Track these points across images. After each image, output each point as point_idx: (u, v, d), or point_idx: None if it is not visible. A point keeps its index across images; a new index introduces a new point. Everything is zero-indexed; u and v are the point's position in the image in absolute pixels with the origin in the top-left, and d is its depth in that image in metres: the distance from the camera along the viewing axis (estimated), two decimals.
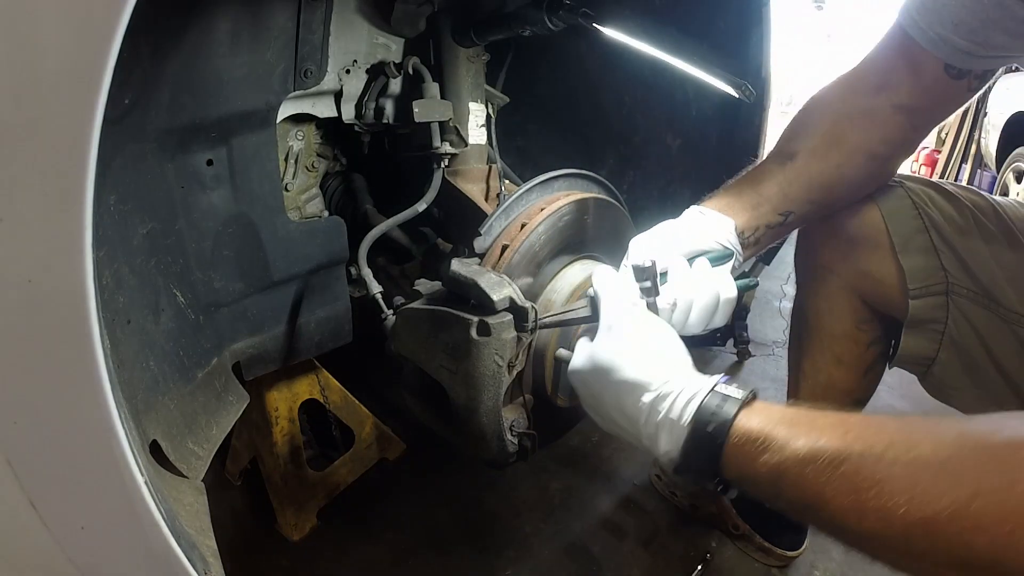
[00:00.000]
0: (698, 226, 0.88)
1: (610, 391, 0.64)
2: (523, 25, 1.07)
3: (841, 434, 0.51)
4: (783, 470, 0.52)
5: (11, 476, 0.41)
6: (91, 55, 0.37)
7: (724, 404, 0.57)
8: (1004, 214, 0.93)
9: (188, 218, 0.88)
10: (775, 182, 0.91)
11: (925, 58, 0.84)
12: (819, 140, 0.91)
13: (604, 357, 0.66)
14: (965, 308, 0.92)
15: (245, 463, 1.40)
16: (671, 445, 0.59)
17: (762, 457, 0.53)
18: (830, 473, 0.49)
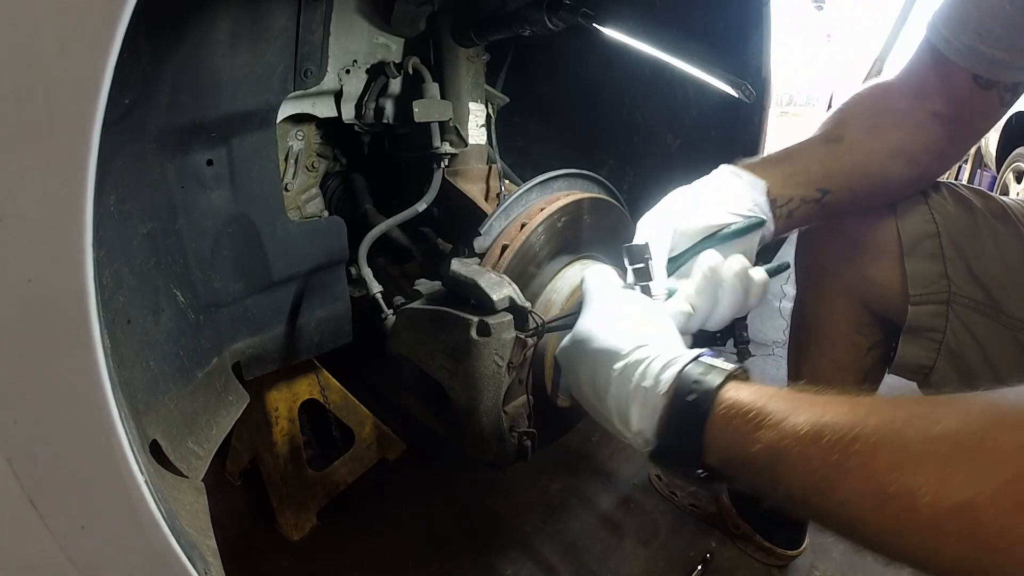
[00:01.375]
0: (726, 189, 0.84)
1: (584, 364, 0.57)
2: (523, 25, 1.07)
3: (849, 409, 0.43)
4: (780, 449, 0.43)
5: (11, 476, 0.41)
6: (91, 55, 0.37)
7: (709, 373, 0.49)
8: (1014, 216, 0.92)
9: (188, 218, 0.88)
10: (818, 158, 0.89)
11: (953, 69, 0.83)
12: (867, 132, 0.90)
13: (580, 329, 0.61)
14: (966, 318, 0.91)
15: (245, 463, 1.40)
16: (644, 422, 0.51)
17: (755, 434, 0.44)
18: (839, 453, 0.40)
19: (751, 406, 0.46)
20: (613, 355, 0.54)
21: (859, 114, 0.92)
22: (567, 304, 0.95)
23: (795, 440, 0.43)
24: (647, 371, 0.51)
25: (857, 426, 0.41)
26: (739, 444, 0.46)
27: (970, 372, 0.92)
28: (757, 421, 0.45)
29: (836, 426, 0.41)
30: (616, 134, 1.54)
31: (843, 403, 0.44)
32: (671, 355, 0.52)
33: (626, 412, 0.51)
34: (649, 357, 0.52)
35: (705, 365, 0.50)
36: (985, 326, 0.90)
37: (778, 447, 0.43)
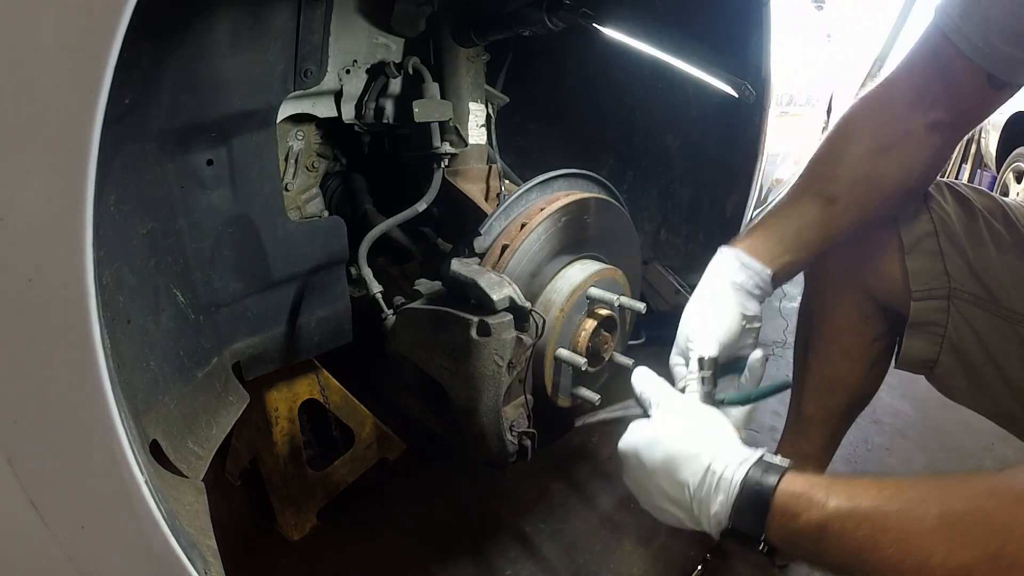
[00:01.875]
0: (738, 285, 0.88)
1: (664, 462, 0.67)
2: (523, 25, 1.07)
3: (878, 492, 0.54)
4: (825, 525, 0.54)
5: (11, 476, 0.41)
6: (92, 55, 0.37)
7: (770, 469, 0.61)
8: (1014, 216, 0.93)
9: (188, 218, 0.88)
10: (816, 227, 0.90)
11: (965, 67, 0.79)
12: (859, 183, 0.89)
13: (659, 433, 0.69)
14: (967, 312, 0.92)
15: (245, 463, 1.40)
16: (722, 507, 0.62)
17: (805, 514, 0.56)
18: (869, 528, 0.52)
19: (802, 492, 0.57)
20: (696, 457, 0.65)
21: (853, 158, 0.89)
22: (567, 304, 0.95)
23: (836, 518, 0.54)
24: (727, 469, 0.62)
25: (884, 506, 0.52)
26: (793, 522, 0.57)
27: (972, 365, 0.93)
28: (808, 503, 0.56)
29: (866, 507, 0.53)
30: (616, 134, 1.54)
31: (872, 487, 0.54)
32: (743, 456, 0.63)
33: (708, 502, 0.63)
34: (726, 459, 0.63)
35: (767, 463, 0.62)
36: (986, 320, 0.91)
37: (823, 524, 0.54)
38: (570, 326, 0.98)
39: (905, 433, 1.72)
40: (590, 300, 1.00)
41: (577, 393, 1.03)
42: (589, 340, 0.99)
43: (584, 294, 0.98)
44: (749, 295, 0.87)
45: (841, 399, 1.14)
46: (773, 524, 0.59)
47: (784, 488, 0.59)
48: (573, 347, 0.99)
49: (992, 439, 1.65)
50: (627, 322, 1.11)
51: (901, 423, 1.75)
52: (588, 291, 0.98)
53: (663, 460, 0.66)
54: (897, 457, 1.62)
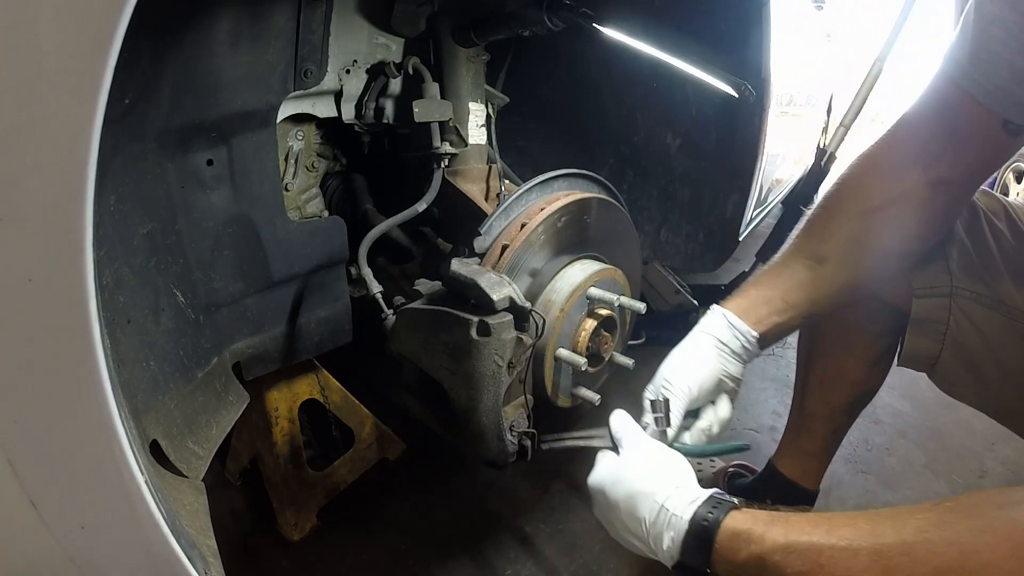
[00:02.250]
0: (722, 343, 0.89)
1: (626, 499, 0.71)
2: (523, 25, 1.07)
3: (813, 528, 0.58)
4: (764, 559, 0.58)
5: (11, 476, 0.41)
6: (91, 55, 0.37)
7: (718, 507, 0.65)
8: (1015, 215, 0.94)
9: (188, 218, 0.88)
10: (804, 290, 0.89)
11: (979, 113, 0.77)
12: (850, 244, 0.88)
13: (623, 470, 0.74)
14: (969, 309, 0.92)
15: (245, 463, 1.40)
16: (672, 542, 0.66)
17: (746, 550, 0.60)
18: (804, 563, 0.56)
19: (744, 529, 0.61)
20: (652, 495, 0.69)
21: (846, 218, 0.88)
22: (567, 304, 0.95)
23: (773, 553, 0.58)
24: (677, 507, 0.67)
25: (818, 542, 0.56)
26: (735, 559, 0.61)
27: (974, 361, 0.94)
28: (748, 539, 0.60)
29: (803, 544, 0.57)
30: (616, 134, 1.54)
31: (809, 523, 0.59)
32: (693, 495, 0.67)
33: (660, 537, 0.67)
34: (678, 498, 0.67)
35: (716, 501, 0.66)
36: (987, 317, 0.91)
37: (761, 559, 0.59)
38: (570, 326, 0.98)
39: (905, 433, 1.72)
40: (590, 300, 1.00)
41: (577, 393, 1.03)
42: (589, 340, 0.99)
43: (584, 294, 0.98)
44: (732, 355, 0.88)
45: (844, 395, 1.14)
46: (717, 559, 0.63)
47: (727, 525, 0.63)
48: (573, 347, 0.99)
49: (992, 438, 1.65)
50: (627, 322, 1.11)
51: (901, 423, 1.75)
52: (588, 291, 0.98)
53: (625, 497, 0.71)
54: (897, 457, 1.62)
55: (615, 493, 0.72)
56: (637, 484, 0.71)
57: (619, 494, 0.71)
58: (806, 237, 0.92)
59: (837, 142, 2.10)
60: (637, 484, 0.71)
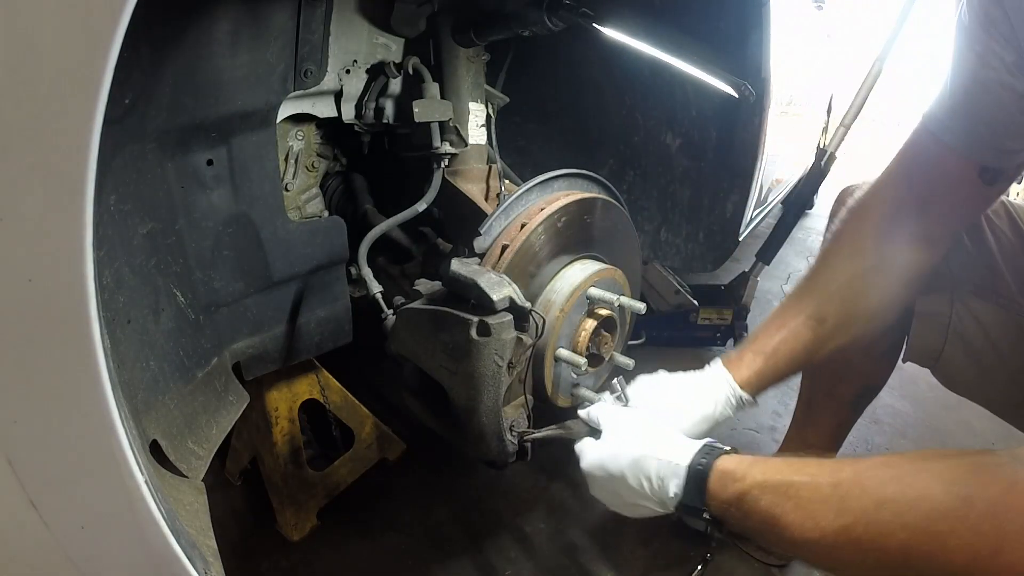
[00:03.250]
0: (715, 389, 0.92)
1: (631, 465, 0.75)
2: (523, 25, 1.07)
3: (787, 467, 0.65)
4: (743, 495, 0.65)
5: (11, 476, 0.41)
6: (91, 55, 0.37)
7: (711, 453, 0.72)
8: (1015, 214, 0.96)
9: (188, 218, 0.88)
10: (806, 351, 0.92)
11: (956, 163, 0.82)
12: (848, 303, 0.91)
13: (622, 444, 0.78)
14: (970, 303, 0.95)
15: (245, 463, 1.40)
16: (677, 487, 0.71)
17: (731, 487, 0.67)
18: (775, 496, 0.62)
19: (730, 468, 0.68)
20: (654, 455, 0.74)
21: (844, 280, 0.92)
22: (567, 304, 0.95)
23: (751, 488, 0.65)
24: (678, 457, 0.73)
25: (788, 478, 0.63)
26: (722, 494, 0.67)
27: (976, 352, 0.97)
28: (731, 477, 0.67)
29: (775, 480, 0.64)
30: (616, 134, 1.54)
31: (785, 463, 0.66)
32: (691, 447, 0.73)
33: (666, 484, 0.72)
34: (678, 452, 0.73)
35: (710, 447, 0.73)
36: (988, 310, 0.94)
37: (741, 495, 0.66)
38: (570, 326, 0.98)
39: (905, 433, 1.72)
40: (590, 300, 1.00)
41: (577, 393, 1.03)
42: (589, 340, 0.99)
43: (584, 294, 0.98)
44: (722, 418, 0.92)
45: (850, 388, 1.16)
46: (710, 498, 0.69)
47: (718, 466, 0.69)
48: (573, 347, 0.99)
49: (992, 438, 1.65)
50: (627, 322, 1.11)
51: (901, 423, 1.75)
52: (588, 291, 0.98)
53: (629, 464, 0.75)
54: None
55: (617, 464, 0.76)
56: (637, 450, 0.75)
57: (622, 463, 0.76)
58: (807, 294, 0.94)
59: (837, 142, 2.10)
60: (637, 450, 0.75)
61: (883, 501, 0.55)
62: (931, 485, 0.54)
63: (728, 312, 2.10)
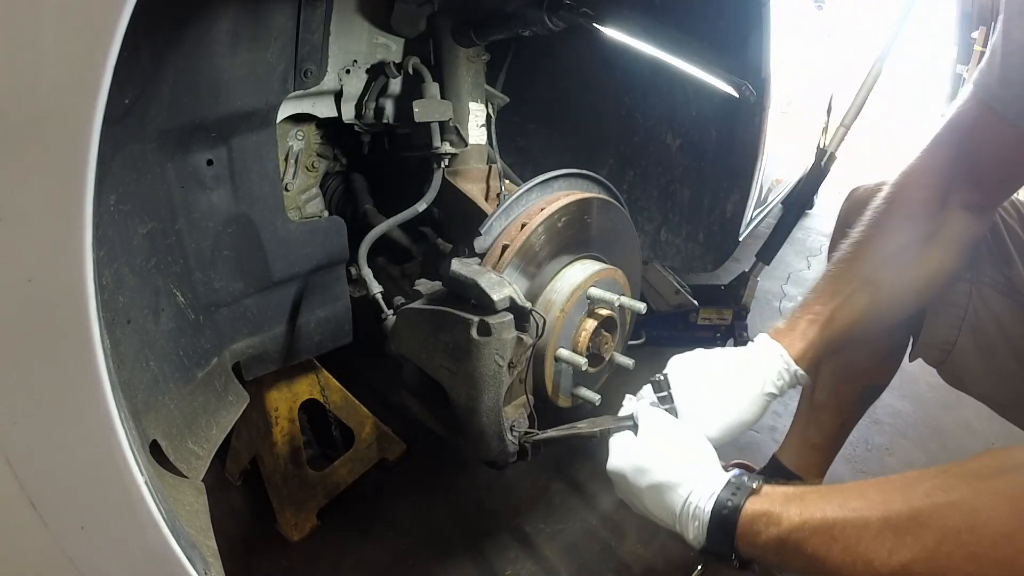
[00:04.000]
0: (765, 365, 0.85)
1: (650, 490, 0.73)
2: (523, 25, 1.07)
3: (826, 503, 0.60)
4: (783, 540, 0.61)
5: (11, 476, 0.41)
6: (91, 55, 0.37)
7: (737, 493, 0.67)
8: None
9: (188, 218, 0.88)
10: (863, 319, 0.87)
11: (1009, 132, 0.80)
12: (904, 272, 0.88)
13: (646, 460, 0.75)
14: (988, 296, 0.94)
15: (245, 463, 1.40)
16: (697, 532, 0.68)
17: (765, 532, 0.63)
18: (820, 538, 0.58)
19: (763, 512, 0.64)
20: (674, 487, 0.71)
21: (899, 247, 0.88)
22: (568, 304, 0.95)
23: (790, 532, 0.61)
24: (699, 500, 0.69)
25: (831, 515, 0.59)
26: (757, 539, 0.64)
27: (989, 346, 0.95)
28: (765, 521, 0.63)
29: (817, 520, 0.59)
30: (616, 134, 1.54)
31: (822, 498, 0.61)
32: (714, 485, 0.69)
33: (687, 527, 0.69)
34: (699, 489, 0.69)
35: (734, 487, 0.68)
36: (1005, 305, 0.93)
37: (781, 538, 0.61)
38: (570, 326, 0.98)
39: (905, 433, 1.72)
40: (590, 300, 1.00)
41: (577, 393, 1.03)
42: (589, 340, 0.99)
43: (584, 294, 0.98)
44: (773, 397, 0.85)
45: (854, 388, 1.16)
46: (741, 543, 0.65)
47: (747, 510, 0.65)
48: (573, 347, 0.99)
49: (992, 438, 1.65)
50: (627, 322, 1.11)
51: (901, 423, 1.75)
52: (588, 291, 0.98)
53: (649, 488, 0.72)
54: (897, 457, 1.62)
55: (637, 482, 0.73)
56: (659, 475, 0.72)
57: (642, 484, 0.73)
58: (859, 260, 0.89)
59: (837, 142, 2.10)
60: (659, 475, 0.72)
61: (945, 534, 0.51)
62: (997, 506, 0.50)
63: (728, 312, 2.10)
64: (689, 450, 0.75)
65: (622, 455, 0.77)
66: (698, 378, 0.84)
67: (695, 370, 0.85)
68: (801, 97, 2.06)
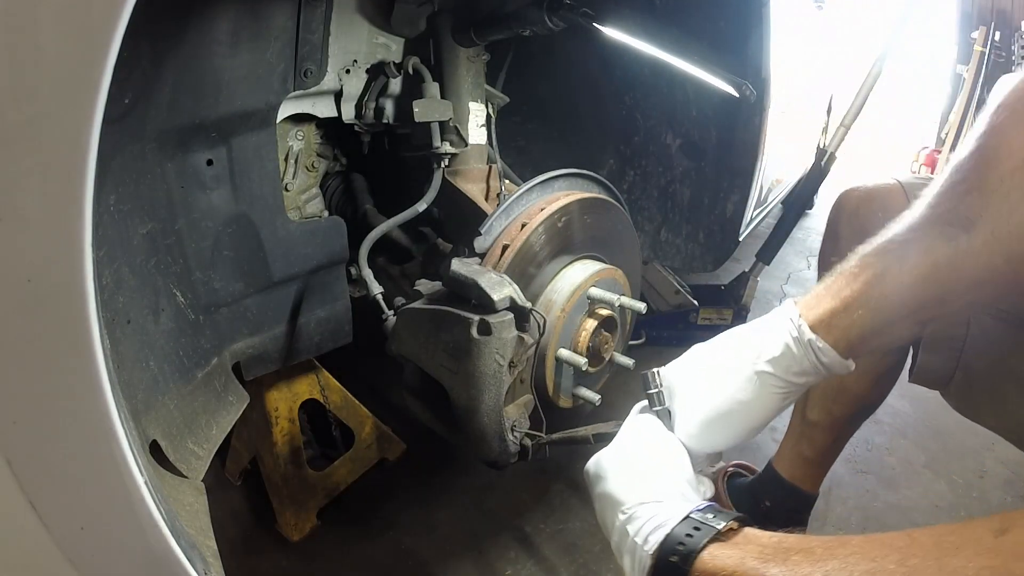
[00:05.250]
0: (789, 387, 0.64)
1: (597, 500, 0.61)
2: (523, 25, 1.07)
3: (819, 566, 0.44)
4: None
5: (11, 476, 0.41)
6: (91, 55, 0.37)
7: (695, 535, 0.51)
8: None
9: (188, 218, 0.88)
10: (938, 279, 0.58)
11: None
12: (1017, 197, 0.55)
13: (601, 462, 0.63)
14: (986, 325, 0.85)
15: (245, 463, 1.40)
16: (635, 572, 0.54)
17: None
18: None
19: (725, 570, 0.47)
20: (617, 504, 0.57)
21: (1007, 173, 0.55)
22: (568, 304, 0.95)
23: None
24: (641, 530, 0.53)
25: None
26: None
27: (990, 379, 0.87)
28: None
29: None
30: (616, 134, 1.54)
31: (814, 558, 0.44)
32: (664, 516, 0.53)
33: (621, 559, 0.55)
34: (643, 517, 0.54)
35: (694, 524, 0.51)
36: (1005, 332, 0.82)
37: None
38: (571, 326, 0.98)
39: (905, 433, 1.72)
40: (591, 300, 1.00)
41: (578, 393, 1.03)
42: (590, 340, 0.99)
43: (585, 294, 0.98)
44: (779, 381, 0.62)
45: (847, 408, 1.13)
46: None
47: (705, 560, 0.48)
48: (574, 347, 0.98)
49: (993, 438, 1.63)
50: (627, 322, 1.11)
51: (901, 423, 1.75)
52: (589, 291, 0.98)
53: (598, 497, 0.61)
54: (897, 457, 1.62)
55: (592, 487, 0.62)
56: (607, 484, 0.59)
57: (594, 491, 0.61)
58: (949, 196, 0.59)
59: (837, 142, 2.10)
60: (607, 484, 0.59)
61: None
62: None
63: (728, 312, 2.10)
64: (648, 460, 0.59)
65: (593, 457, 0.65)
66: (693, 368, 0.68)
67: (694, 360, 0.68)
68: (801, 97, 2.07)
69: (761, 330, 0.64)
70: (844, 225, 1.04)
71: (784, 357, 0.61)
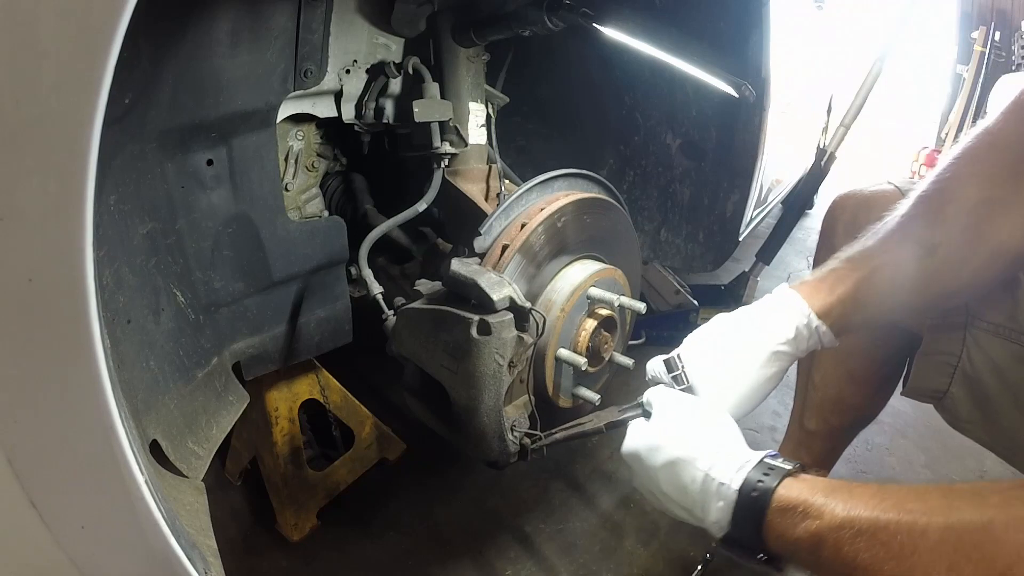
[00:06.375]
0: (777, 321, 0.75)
1: (665, 467, 0.66)
2: (523, 25, 1.07)
3: (878, 502, 0.50)
4: (821, 537, 0.52)
5: (11, 476, 0.41)
6: (91, 55, 0.37)
7: (769, 474, 0.58)
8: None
9: (188, 218, 0.88)
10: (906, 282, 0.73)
11: None
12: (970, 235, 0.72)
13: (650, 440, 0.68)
14: (984, 342, 0.85)
15: (245, 463, 1.40)
16: (721, 513, 0.60)
17: (802, 525, 0.53)
18: (866, 542, 0.49)
19: (799, 500, 0.55)
20: (693, 461, 0.63)
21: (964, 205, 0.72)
22: (568, 304, 0.95)
23: (831, 528, 0.51)
24: (724, 473, 0.60)
25: (883, 517, 0.49)
26: (790, 531, 0.54)
27: (986, 397, 0.87)
28: (803, 512, 0.54)
29: (864, 520, 0.50)
30: (616, 134, 1.54)
31: (873, 496, 0.52)
32: (742, 460, 0.61)
33: (708, 506, 0.61)
34: (723, 463, 0.61)
35: (767, 466, 0.59)
36: (1003, 349, 0.83)
37: (819, 534, 0.52)
38: (571, 326, 0.98)
39: (905, 433, 1.72)
40: (590, 300, 1.00)
41: (578, 393, 1.03)
42: (589, 340, 0.99)
43: (584, 294, 0.98)
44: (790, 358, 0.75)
45: (844, 419, 1.12)
46: (770, 534, 0.56)
47: (781, 496, 0.56)
48: (573, 347, 0.99)
49: None
50: (627, 322, 1.11)
51: (901, 423, 1.75)
52: (588, 291, 0.98)
53: (664, 466, 0.65)
54: (897, 457, 1.62)
55: (652, 461, 0.66)
56: (676, 450, 0.64)
57: (656, 462, 0.65)
58: (916, 219, 0.75)
59: (837, 142, 2.11)
60: (676, 450, 0.64)
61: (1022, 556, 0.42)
62: None
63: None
64: (708, 424, 0.67)
65: (635, 436, 0.70)
66: (710, 349, 0.76)
67: (706, 341, 0.77)
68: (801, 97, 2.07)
69: (769, 315, 0.75)
70: (841, 231, 1.01)
71: (797, 339, 0.74)
